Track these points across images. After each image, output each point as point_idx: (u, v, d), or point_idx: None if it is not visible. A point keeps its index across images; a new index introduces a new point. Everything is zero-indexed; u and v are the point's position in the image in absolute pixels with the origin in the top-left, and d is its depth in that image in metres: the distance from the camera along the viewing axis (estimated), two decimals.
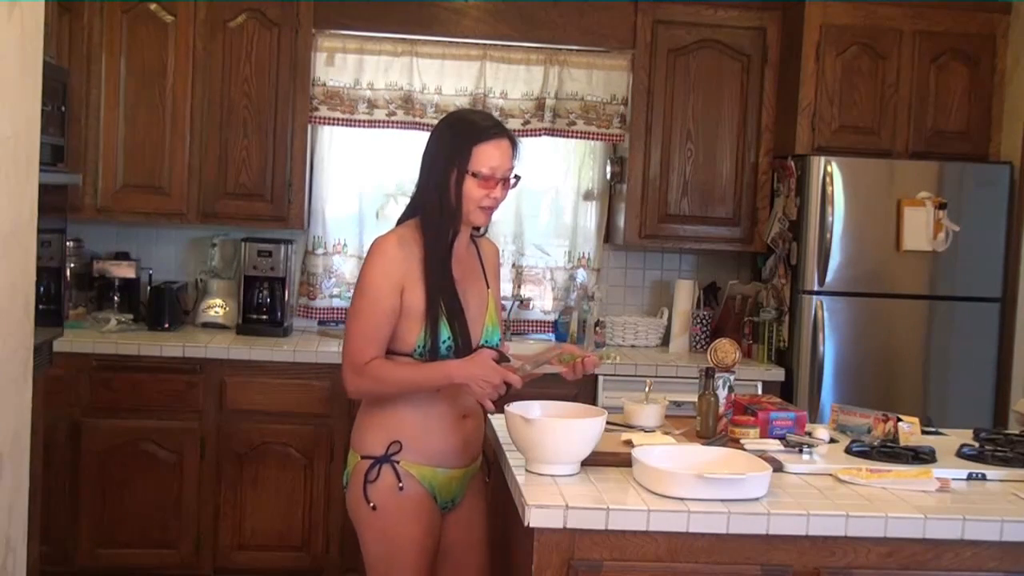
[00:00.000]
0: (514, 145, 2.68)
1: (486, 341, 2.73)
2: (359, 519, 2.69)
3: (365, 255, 2.70)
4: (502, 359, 2.63)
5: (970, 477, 2.70)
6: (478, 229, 2.80)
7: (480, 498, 2.86)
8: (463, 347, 2.65)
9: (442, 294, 2.63)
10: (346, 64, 4.67)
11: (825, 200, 4.35)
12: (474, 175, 2.62)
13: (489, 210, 2.69)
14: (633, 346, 4.84)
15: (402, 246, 2.64)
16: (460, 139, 2.64)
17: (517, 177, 2.70)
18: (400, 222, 2.75)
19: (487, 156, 2.62)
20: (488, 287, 2.80)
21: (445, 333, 2.62)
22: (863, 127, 4.53)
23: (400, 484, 2.64)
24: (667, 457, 2.53)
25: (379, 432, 2.67)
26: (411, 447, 2.65)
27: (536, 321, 4.96)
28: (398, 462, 2.65)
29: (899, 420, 2.98)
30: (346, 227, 4.88)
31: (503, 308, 4.83)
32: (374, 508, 2.65)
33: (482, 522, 2.85)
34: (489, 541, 2.88)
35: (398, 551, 2.65)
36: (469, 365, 2.58)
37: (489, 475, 2.92)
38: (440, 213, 2.64)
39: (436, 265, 2.64)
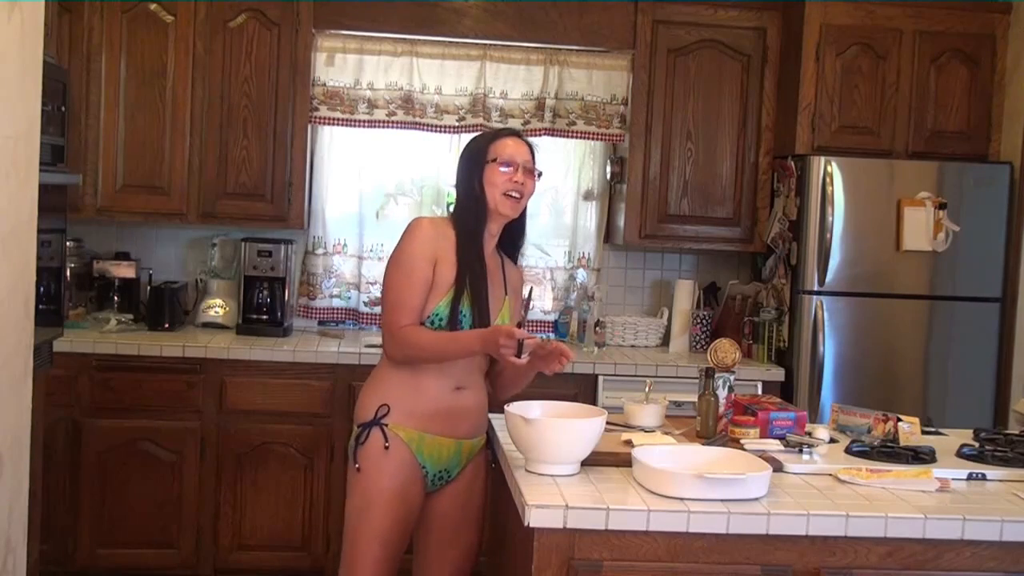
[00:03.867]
0: (529, 145, 2.94)
1: None
2: (348, 482, 2.87)
3: (402, 234, 2.86)
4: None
5: (970, 477, 2.70)
6: (509, 253, 2.98)
7: (481, 478, 2.94)
8: (479, 324, 2.80)
9: (470, 272, 2.81)
10: (346, 64, 4.67)
11: (825, 200, 4.35)
12: (493, 160, 2.84)
13: (514, 199, 2.86)
14: (633, 346, 4.84)
15: (435, 226, 2.86)
16: (479, 141, 2.93)
17: (540, 172, 2.94)
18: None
19: (504, 146, 2.87)
20: (506, 294, 2.94)
21: (465, 307, 2.79)
22: (863, 127, 4.53)
23: (386, 444, 2.77)
24: (667, 457, 2.53)
25: (371, 399, 2.84)
26: (398, 408, 2.80)
27: (536, 321, 4.96)
28: (386, 424, 2.78)
29: (899, 420, 2.98)
30: (346, 227, 4.88)
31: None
32: (359, 469, 2.79)
33: (479, 502, 2.94)
34: (483, 522, 2.97)
35: (371, 504, 2.78)
36: (485, 332, 2.74)
37: (494, 462, 2.93)
38: (470, 201, 2.86)
39: (467, 247, 2.83)
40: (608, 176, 4.92)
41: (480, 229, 2.86)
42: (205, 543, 4.26)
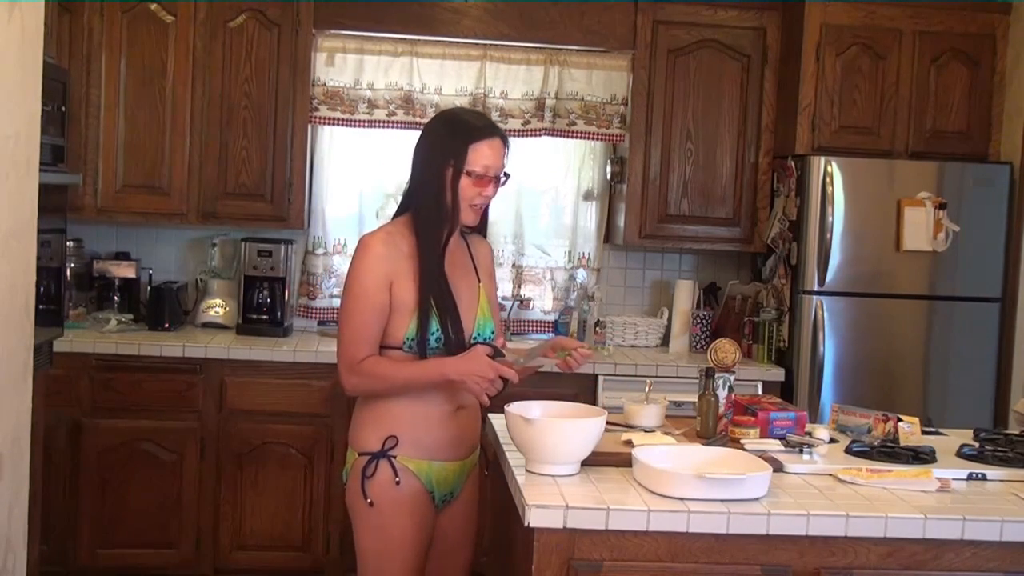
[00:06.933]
0: (506, 144, 2.72)
1: (478, 334, 2.74)
2: (355, 514, 2.73)
3: (352, 257, 2.70)
4: (496, 354, 2.64)
5: (970, 477, 2.70)
6: (475, 228, 2.81)
7: (475, 493, 2.88)
8: (454, 340, 2.66)
9: (434, 289, 2.64)
10: (346, 64, 4.67)
11: (825, 200, 4.35)
12: (468, 174, 2.64)
13: (480, 208, 2.72)
14: (633, 346, 4.84)
15: (388, 243, 2.67)
16: (456, 138, 2.66)
17: (507, 175, 2.73)
18: (394, 218, 2.78)
19: (481, 155, 2.65)
20: (479, 281, 2.81)
21: (434, 326, 2.64)
22: (863, 127, 4.53)
23: (397, 479, 2.66)
24: (667, 457, 2.53)
25: (375, 428, 2.69)
26: (407, 441, 2.67)
27: (536, 321, 4.96)
28: (395, 457, 2.67)
29: (899, 420, 2.98)
30: (346, 227, 4.88)
31: (502, 308, 4.84)
32: (371, 504, 2.67)
33: (475, 518, 2.88)
34: (478, 537, 2.91)
35: (391, 546, 2.68)
36: (464, 362, 2.61)
37: (488, 468, 2.92)
38: (436, 211, 2.66)
39: (429, 261, 2.65)
40: (608, 176, 4.92)
41: (446, 241, 2.70)
42: (205, 543, 4.26)
